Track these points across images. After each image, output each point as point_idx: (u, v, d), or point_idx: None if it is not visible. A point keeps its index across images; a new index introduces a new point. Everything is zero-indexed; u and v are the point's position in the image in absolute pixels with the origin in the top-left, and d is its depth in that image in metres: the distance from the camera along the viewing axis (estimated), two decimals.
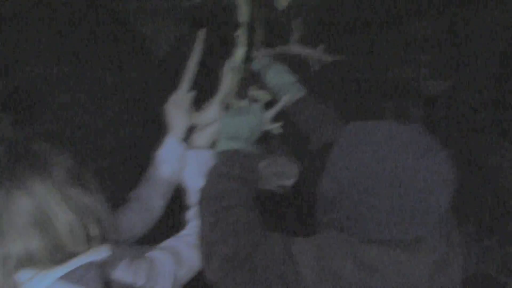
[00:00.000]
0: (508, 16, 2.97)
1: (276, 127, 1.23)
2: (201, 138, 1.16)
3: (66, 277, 0.85)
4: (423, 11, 3.46)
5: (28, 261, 0.85)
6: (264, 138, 1.38)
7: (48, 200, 0.84)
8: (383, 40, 3.67)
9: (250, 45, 1.39)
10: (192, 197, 1.13)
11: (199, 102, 1.21)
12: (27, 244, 0.84)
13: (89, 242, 0.89)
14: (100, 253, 0.88)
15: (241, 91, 1.34)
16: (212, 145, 1.16)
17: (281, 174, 1.36)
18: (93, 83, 2.67)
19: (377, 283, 0.81)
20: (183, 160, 1.22)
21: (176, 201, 1.23)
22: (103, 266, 0.87)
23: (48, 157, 0.88)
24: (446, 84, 3.41)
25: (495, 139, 2.88)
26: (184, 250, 1.03)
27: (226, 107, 1.22)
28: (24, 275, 0.86)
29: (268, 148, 1.40)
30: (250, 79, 1.43)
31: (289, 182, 1.36)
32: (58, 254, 0.86)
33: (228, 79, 1.19)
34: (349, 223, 0.84)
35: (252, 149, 1.12)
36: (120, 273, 0.89)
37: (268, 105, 1.24)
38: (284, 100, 1.23)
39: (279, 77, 1.37)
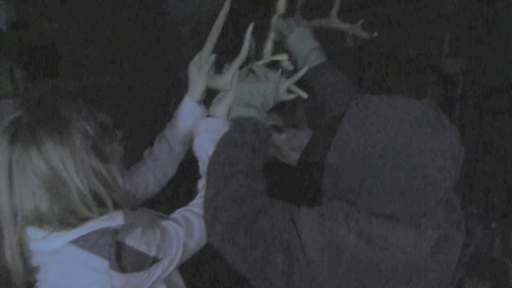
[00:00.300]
0: None
1: (292, 98, 1.23)
2: (218, 108, 1.15)
3: (78, 241, 0.86)
4: None
5: (38, 220, 0.88)
6: (289, 111, 1.39)
7: (63, 165, 0.86)
8: (408, 14, 3.60)
9: (287, 15, 1.38)
10: (203, 166, 1.14)
11: (221, 66, 1.22)
12: (38, 204, 0.87)
13: (101, 208, 0.90)
14: (114, 220, 0.89)
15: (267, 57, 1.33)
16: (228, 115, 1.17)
17: (301, 148, 1.37)
18: (108, 43, 2.68)
19: (379, 257, 0.82)
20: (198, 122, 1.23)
21: (189, 170, 1.24)
22: (116, 233, 0.88)
23: (71, 122, 0.89)
24: (466, 64, 3.34)
25: (507, 122, 2.85)
26: (195, 221, 1.04)
27: (249, 73, 1.22)
28: (35, 234, 0.89)
29: (292, 121, 1.40)
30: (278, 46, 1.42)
31: (307, 158, 1.38)
32: (70, 219, 0.88)
33: (247, 46, 1.16)
34: (354, 195, 0.84)
35: (264, 118, 1.12)
36: (133, 242, 0.89)
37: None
38: (302, 72, 1.22)
39: (301, 41, 1.35)
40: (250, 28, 1.16)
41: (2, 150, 0.85)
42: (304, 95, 1.26)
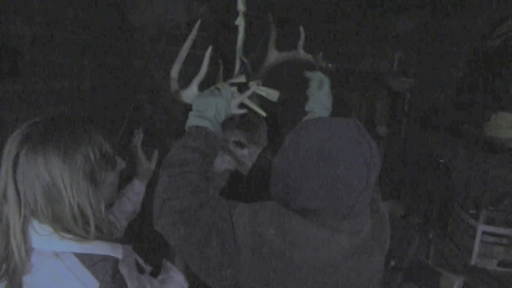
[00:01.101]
0: (477, 26, 3.10)
1: (243, 112, 1.35)
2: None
3: (81, 256, 0.94)
4: (402, 9, 3.56)
5: (39, 215, 0.95)
6: (251, 129, 1.50)
7: (61, 178, 0.94)
8: (361, 32, 3.78)
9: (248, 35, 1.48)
10: None
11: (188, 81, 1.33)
12: (37, 202, 0.94)
13: (86, 225, 0.98)
14: (115, 251, 0.98)
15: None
16: None
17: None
18: (71, 46, 2.68)
19: (291, 252, 0.95)
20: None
21: None
22: (116, 263, 0.97)
23: (79, 146, 0.97)
24: (413, 82, 3.55)
25: (450, 138, 3.06)
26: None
27: (215, 88, 1.34)
28: (41, 229, 0.95)
29: (253, 139, 1.51)
30: (254, 73, 1.53)
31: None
32: (65, 225, 0.96)
33: (206, 65, 1.30)
34: (287, 194, 1.01)
35: (217, 128, 1.25)
36: (127, 278, 0.98)
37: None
38: (251, 91, 1.36)
39: (322, 97, 1.46)
40: (209, 51, 1.30)
41: (12, 148, 0.93)
42: (263, 114, 1.39)
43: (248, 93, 1.35)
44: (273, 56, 1.62)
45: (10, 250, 0.94)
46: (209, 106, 1.24)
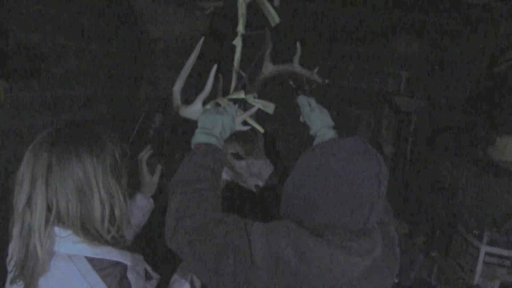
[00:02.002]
0: (485, 49, 3.16)
1: (247, 129, 1.41)
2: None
3: (92, 260, 0.99)
4: (410, 30, 3.62)
5: (66, 219, 0.99)
6: (249, 142, 1.54)
7: (94, 174, 1.00)
8: (370, 52, 3.84)
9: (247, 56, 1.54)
10: None
11: (192, 97, 1.36)
12: (68, 204, 0.99)
13: (110, 228, 1.04)
14: (124, 257, 1.03)
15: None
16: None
17: (258, 175, 1.52)
18: (87, 56, 2.74)
19: (308, 272, 0.97)
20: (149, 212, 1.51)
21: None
22: (125, 270, 1.01)
23: (106, 146, 1.04)
24: (420, 102, 3.60)
25: (455, 159, 3.09)
26: None
27: (216, 104, 1.38)
28: (60, 232, 1.00)
29: (251, 151, 1.55)
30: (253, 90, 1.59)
31: (263, 183, 1.53)
32: (88, 225, 1.01)
33: (210, 82, 1.34)
34: (301, 213, 1.05)
35: (222, 145, 1.29)
36: (134, 285, 1.03)
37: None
38: (255, 109, 1.42)
39: (320, 119, 1.53)
40: (214, 68, 1.33)
41: (42, 152, 0.98)
42: (261, 129, 1.44)
43: (253, 110, 1.40)
44: (268, 68, 1.67)
45: (30, 254, 0.97)
46: (215, 123, 1.28)
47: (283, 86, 1.71)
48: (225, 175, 1.57)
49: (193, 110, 1.34)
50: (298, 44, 1.62)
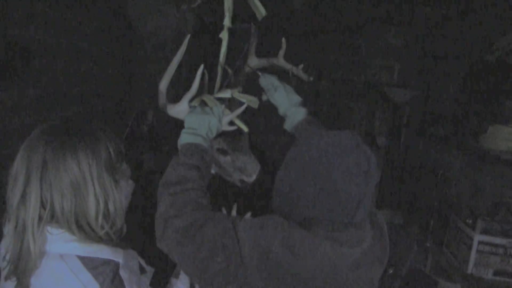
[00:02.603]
0: (476, 39, 3.17)
1: (233, 129, 1.40)
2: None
3: (84, 259, 0.98)
4: (402, 20, 3.63)
5: (59, 217, 0.99)
6: (234, 137, 1.54)
7: (89, 170, 1.00)
8: (362, 44, 3.84)
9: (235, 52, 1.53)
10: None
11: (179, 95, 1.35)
12: (63, 198, 0.98)
13: (104, 224, 1.03)
14: (116, 255, 1.01)
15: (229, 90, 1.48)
16: None
17: (243, 170, 1.52)
18: (75, 53, 2.73)
19: (298, 265, 0.97)
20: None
21: None
22: (117, 268, 1.00)
23: (100, 142, 1.03)
24: (413, 94, 3.61)
25: (447, 149, 3.11)
26: None
27: (201, 103, 1.37)
28: (54, 230, 0.98)
29: (236, 146, 1.55)
30: (238, 83, 1.58)
31: (249, 179, 1.53)
32: (81, 222, 1.00)
33: (197, 82, 1.32)
34: (288, 206, 1.05)
35: (208, 145, 1.29)
36: (126, 283, 1.02)
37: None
38: (241, 109, 1.39)
39: (286, 97, 1.51)
40: (201, 68, 1.32)
41: (37, 148, 0.97)
42: (245, 129, 1.44)
43: (239, 111, 1.39)
44: (253, 62, 1.66)
45: (24, 250, 0.97)
46: (201, 124, 1.28)
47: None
48: (211, 170, 1.58)
49: (180, 110, 1.33)
50: (283, 39, 1.61)
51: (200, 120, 1.29)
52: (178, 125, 1.40)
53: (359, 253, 1.04)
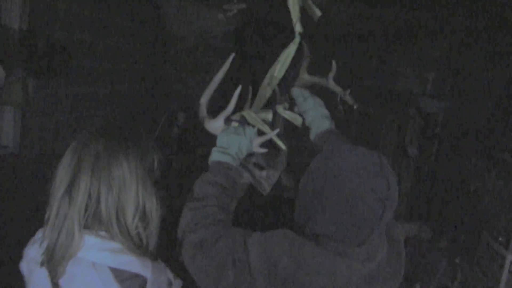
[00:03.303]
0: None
1: (264, 152, 1.42)
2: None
3: (115, 271, 1.00)
4: (437, 32, 3.55)
5: (102, 208, 1.02)
6: (272, 154, 1.56)
7: (134, 171, 1.04)
8: (397, 52, 3.79)
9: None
10: None
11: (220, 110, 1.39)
12: (109, 191, 1.01)
13: (139, 225, 1.06)
14: (145, 269, 1.03)
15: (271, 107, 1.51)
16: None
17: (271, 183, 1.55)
18: (114, 54, 2.79)
19: (305, 278, 0.98)
20: None
21: None
22: (144, 283, 1.02)
23: (148, 145, 1.09)
24: (446, 104, 3.53)
25: (482, 163, 3.02)
26: None
27: (241, 117, 1.39)
28: (89, 239, 1.01)
29: (272, 163, 1.58)
30: (281, 97, 1.60)
31: (264, 192, 1.55)
32: (120, 218, 1.03)
33: (234, 102, 1.36)
34: (304, 218, 1.06)
35: (237, 164, 1.32)
36: None
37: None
38: (273, 134, 1.42)
39: (314, 109, 1.53)
40: (238, 90, 1.36)
41: (91, 141, 1.02)
42: (283, 147, 1.46)
43: (271, 135, 1.41)
44: (304, 79, 1.67)
45: (61, 242, 0.99)
46: (232, 144, 1.31)
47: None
48: (246, 180, 1.59)
49: (215, 126, 1.37)
50: (334, 62, 1.62)
51: (231, 140, 1.32)
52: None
53: (371, 269, 1.04)
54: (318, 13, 1.51)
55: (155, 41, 3.41)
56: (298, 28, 1.48)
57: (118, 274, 1.01)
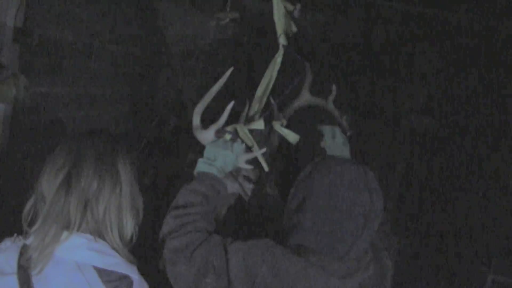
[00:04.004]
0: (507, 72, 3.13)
1: (250, 168, 1.44)
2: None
3: (100, 271, 0.99)
4: (427, 47, 3.60)
5: (99, 202, 1.03)
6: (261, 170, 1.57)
7: (129, 171, 1.07)
8: (386, 70, 3.82)
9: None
10: None
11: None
12: (102, 190, 1.03)
13: (125, 234, 1.07)
14: (132, 272, 1.03)
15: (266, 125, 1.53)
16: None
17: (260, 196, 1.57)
18: (108, 56, 2.79)
19: None
20: None
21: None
22: (131, 285, 1.02)
23: (134, 154, 1.11)
24: (434, 122, 3.57)
25: (468, 183, 3.06)
26: None
27: (234, 131, 1.41)
28: (73, 238, 1.01)
29: (261, 178, 1.60)
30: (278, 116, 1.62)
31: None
32: (117, 225, 1.05)
33: (225, 116, 1.39)
34: (290, 226, 1.08)
35: (222, 175, 1.34)
36: None
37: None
38: (260, 152, 1.44)
39: (341, 150, 1.55)
40: (231, 105, 1.40)
41: (87, 143, 1.05)
42: (266, 168, 1.47)
43: (258, 153, 1.43)
44: (305, 98, 1.70)
45: (47, 242, 0.98)
46: (218, 157, 1.34)
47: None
48: (235, 190, 1.61)
49: (205, 137, 1.40)
50: (333, 86, 1.66)
51: (218, 153, 1.34)
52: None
53: (350, 286, 1.05)
54: (294, 29, 1.54)
55: (150, 45, 3.41)
56: (282, 40, 1.51)
57: (105, 274, 0.99)
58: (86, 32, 2.52)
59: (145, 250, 1.25)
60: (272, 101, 1.58)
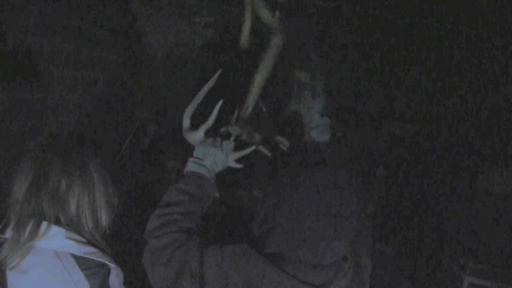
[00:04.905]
0: (484, 81, 3.19)
1: (239, 167, 1.45)
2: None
3: (78, 259, 1.01)
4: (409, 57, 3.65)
5: (65, 215, 1.04)
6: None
7: (103, 170, 1.10)
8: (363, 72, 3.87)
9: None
10: None
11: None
12: (73, 187, 1.05)
13: (100, 228, 1.09)
14: (110, 261, 1.06)
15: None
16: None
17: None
18: (86, 61, 2.76)
19: None
20: None
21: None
22: (108, 273, 1.05)
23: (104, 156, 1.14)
24: (414, 127, 3.62)
25: (445, 187, 3.10)
26: None
27: (223, 133, 1.44)
28: (50, 228, 1.02)
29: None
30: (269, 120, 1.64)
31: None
32: (92, 220, 1.07)
33: (214, 115, 1.40)
34: (263, 234, 1.07)
35: (212, 175, 1.33)
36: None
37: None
38: (250, 150, 1.45)
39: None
40: (219, 104, 1.40)
41: (58, 147, 1.07)
42: (268, 154, 1.51)
43: (246, 151, 1.44)
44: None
45: (22, 239, 1.00)
46: (208, 156, 1.34)
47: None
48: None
49: (195, 137, 1.41)
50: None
51: (207, 152, 1.34)
52: (184, 141, 1.45)
53: None
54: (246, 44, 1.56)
55: (129, 50, 3.39)
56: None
57: (82, 262, 1.02)
58: (63, 36, 2.50)
59: (125, 248, 1.26)
60: (263, 108, 1.60)
